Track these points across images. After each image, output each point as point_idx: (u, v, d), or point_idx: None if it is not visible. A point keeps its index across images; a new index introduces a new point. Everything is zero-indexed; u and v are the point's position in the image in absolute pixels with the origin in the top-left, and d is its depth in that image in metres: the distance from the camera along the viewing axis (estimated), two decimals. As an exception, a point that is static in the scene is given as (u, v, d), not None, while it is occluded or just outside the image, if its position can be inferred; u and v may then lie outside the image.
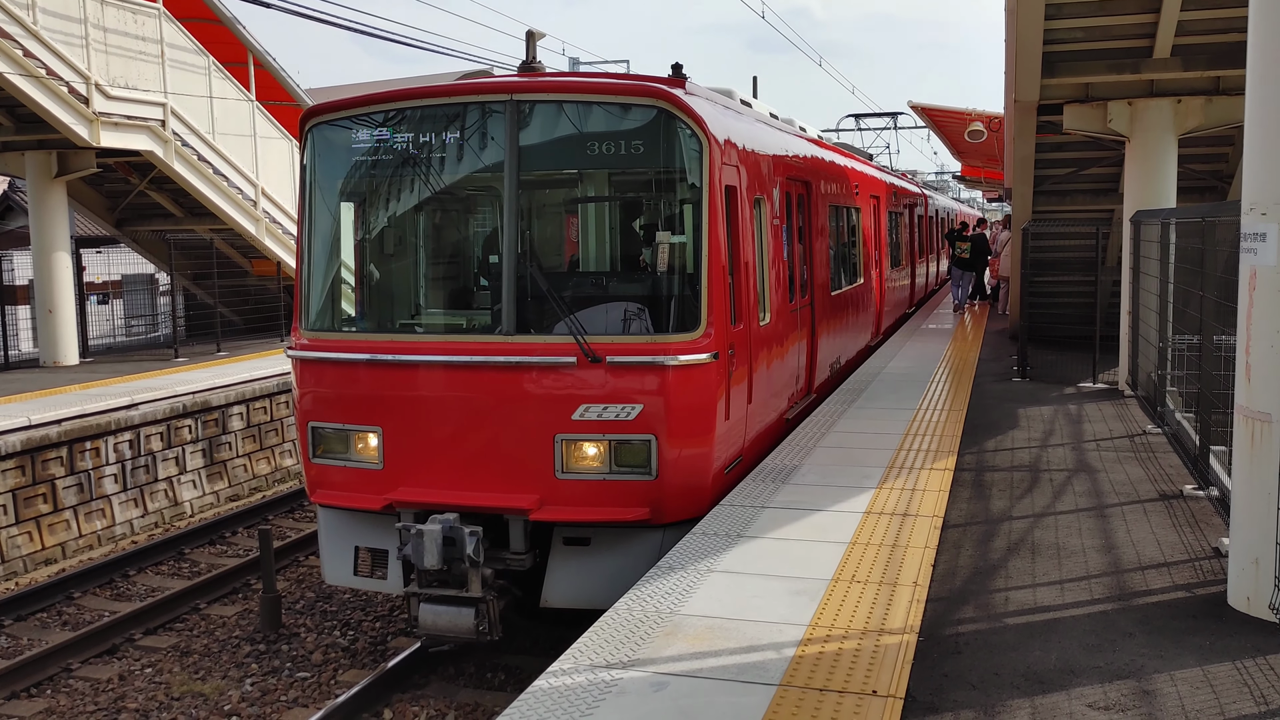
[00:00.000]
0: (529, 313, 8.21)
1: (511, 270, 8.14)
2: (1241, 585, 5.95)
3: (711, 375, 8.01)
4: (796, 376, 11.40)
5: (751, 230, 9.24)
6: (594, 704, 4.79)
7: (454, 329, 8.91)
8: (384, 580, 8.57)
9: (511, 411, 7.98)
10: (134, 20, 17.88)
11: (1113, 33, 12.98)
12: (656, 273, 8.40)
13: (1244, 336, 5.85)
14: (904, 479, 8.76)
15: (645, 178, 8.74)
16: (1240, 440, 5.95)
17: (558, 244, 9.73)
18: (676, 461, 7.87)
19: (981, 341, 18.87)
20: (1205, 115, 13.05)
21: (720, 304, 8.10)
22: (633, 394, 7.79)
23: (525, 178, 8.43)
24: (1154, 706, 4.82)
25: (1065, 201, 17.68)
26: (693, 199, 8.16)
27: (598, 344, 7.82)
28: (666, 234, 8.31)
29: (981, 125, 26.44)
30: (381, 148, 8.66)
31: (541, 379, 7.95)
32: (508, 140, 8.21)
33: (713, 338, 7.98)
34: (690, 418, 7.93)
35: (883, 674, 5.08)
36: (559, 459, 7.92)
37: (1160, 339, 10.94)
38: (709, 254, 8.03)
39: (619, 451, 7.88)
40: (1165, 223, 10.90)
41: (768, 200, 10.03)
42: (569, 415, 7.84)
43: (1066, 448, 10.25)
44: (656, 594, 6.15)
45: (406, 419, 8.24)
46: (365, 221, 9.06)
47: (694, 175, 8.12)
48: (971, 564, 6.85)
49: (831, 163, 14.45)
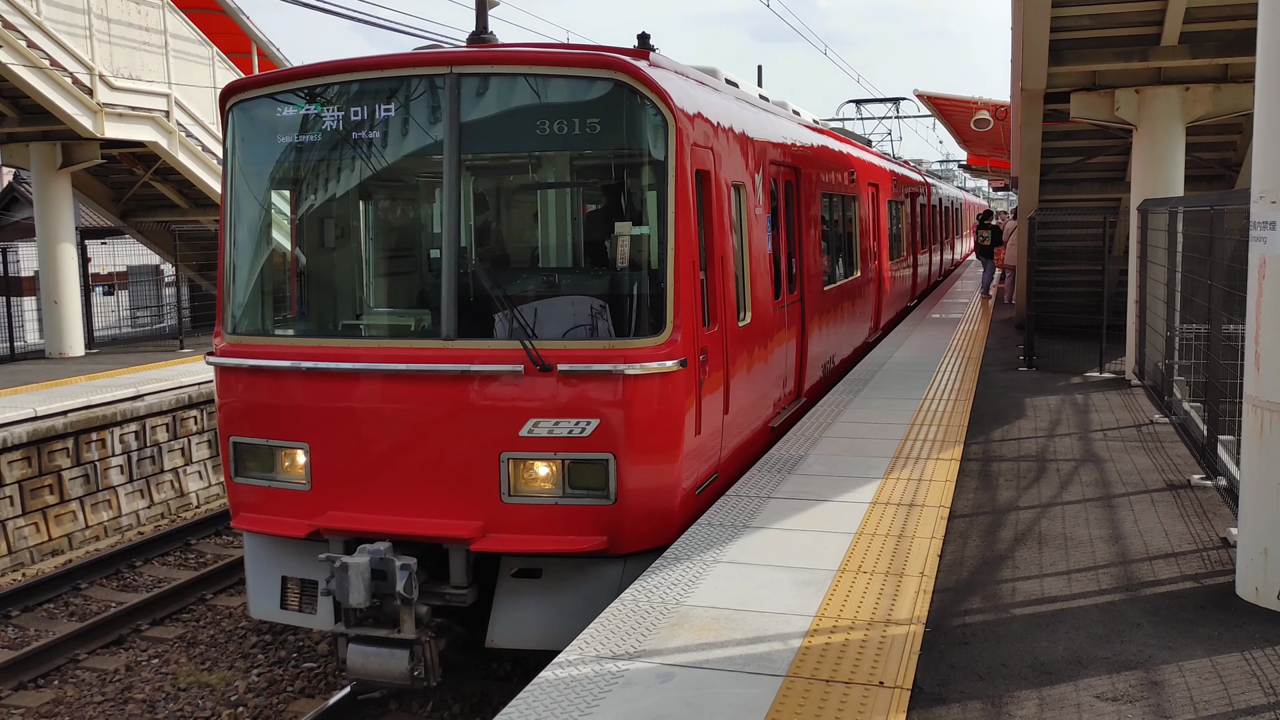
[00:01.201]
0: (471, 315, 7.39)
1: (452, 266, 7.34)
2: (1250, 575, 5.93)
3: (678, 385, 7.21)
4: (784, 380, 10.60)
5: (729, 220, 8.46)
6: (600, 695, 4.78)
7: (388, 333, 8.15)
8: (313, 615, 7.76)
9: (452, 427, 7.20)
10: (137, 10, 17.85)
11: (1120, 20, 12.91)
12: (616, 269, 7.53)
13: (1253, 326, 5.81)
14: (910, 469, 8.73)
15: (603, 160, 7.86)
16: (1249, 430, 5.91)
17: (505, 236, 8.74)
18: (638, 483, 7.11)
19: (988, 331, 18.83)
20: (1213, 103, 12.99)
21: (689, 303, 7.30)
22: (588, 407, 7.01)
23: (468, 161, 7.60)
24: (1162, 697, 4.80)
25: (1072, 190, 17.62)
26: (657, 184, 7.34)
27: (548, 350, 7.05)
28: (627, 224, 7.43)
29: (988, 114, 26.36)
30: (307, 128, 7.78)
31: (485, 390, 7.17)
32: (448, 119, 7.36)
33: (680, 342, 7.19)
34: (653, 433, 7.15)
35: (889, 665, 5.07)
36: (506, 480, 7.15)
37: (1168, 328, 10.90)
38: (675, 247, 7.21)
39: (573, 472, 7.11)
40: (1173, 211, 10.85)
41: (750, 187, 9.25)
42: (516, 431, 7.07)
43: (1073, 437, 10.22)
44: (662, 585, 6.14)
45: (335, 435, 7.44)
46: (291, 212, 8.18)
47: (658, 157, 7.31)
48: (978, 554, 6.83)
49: (825, 148, 13.59)
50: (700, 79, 9.10)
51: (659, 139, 7.28)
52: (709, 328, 7.82)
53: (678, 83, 7.81)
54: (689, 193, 7.37)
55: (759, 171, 9.62)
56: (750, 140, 9.45)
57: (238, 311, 8.02)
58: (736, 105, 9.56)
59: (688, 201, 7.33)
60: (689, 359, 7.28)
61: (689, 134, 7.47)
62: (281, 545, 7.88)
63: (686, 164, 7.36)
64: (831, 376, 13.28)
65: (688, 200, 7.33)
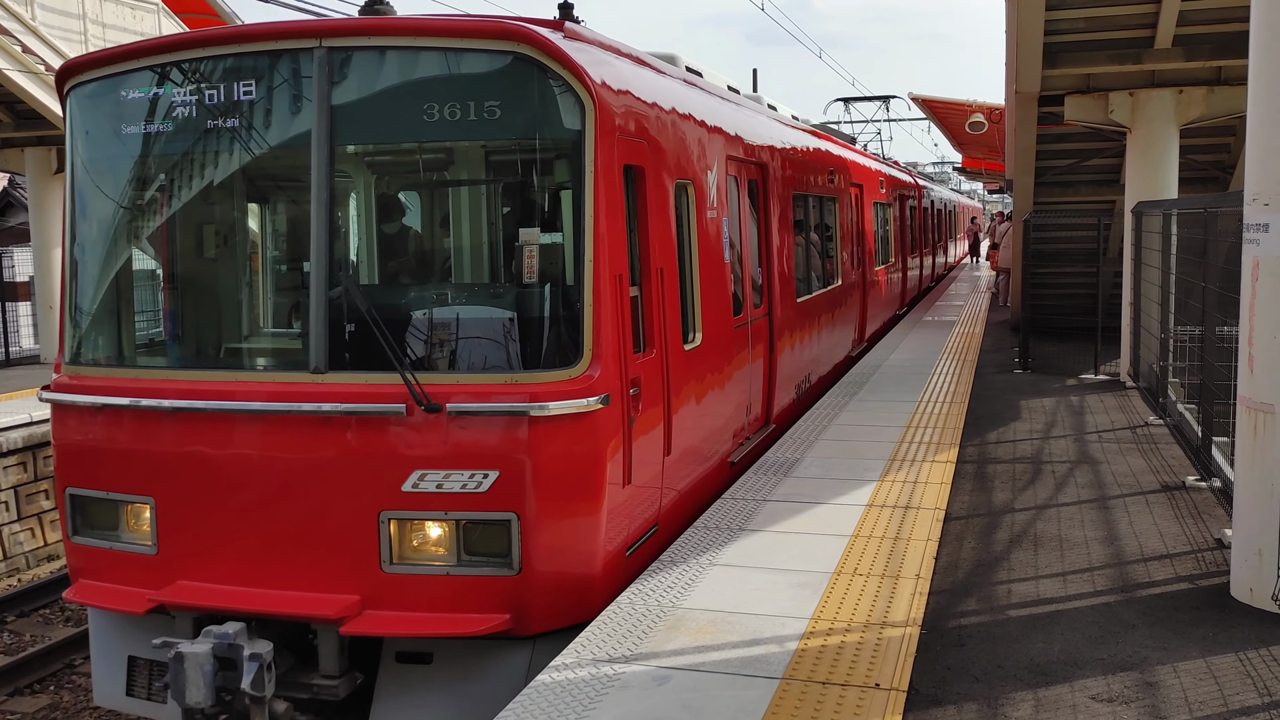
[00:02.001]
0: (346, 342, 6.19)
1: (321, 283, 6.09)
2: (1244, 576, 5.94)
3: (599, 426, 6.01)
4: (747, 407, 9.40)
5: (670, 225, 7.29)
6: (597, 698, 4.79)
7: (248, 365, 6.76)
8: (163, 705, 6.50)
9: (322, 480, 5.98)
10: (132, 15, 17.86)
11: (1114, 23, 12.95)
12: (521, 285, 6.29)
13: (1246, 327, 5.83)
14: (906, 471, 8.75)
15: (504, 152, 6.58)
16: (1243, 431, 5.93)
17: (386, 245, 7.40)
18: (549, 548, 5.91)
19: (983, 333, 18.85)
20: (1207, 106, 13.03)
21: (613, 326, 6.12)
22: (485, 456, 5.83)
23: (342, 153, 6.43)
24: (1157, 698, 4.81)
25: (1067, 192, 17.65)
26: (571, 181, 6.19)
27: (435, 386, 5.85)
28: (533, 231, 6.24)
29: (982, 116, 26.39)
30: (155, 115, 6.51)
31: (361, 435, 5.93)
32: (316, 102, 6.13)
33: (601, 374, 5.99)
34: (567, 487, 5.96)
35: (886, 667, 5.08)
36: (387, 545, 5.94)
37: (1162, 330, 10.93)
38: (595, 257, 6.02)
39: (468, 536, 5.93)
40: (1167, 213, 10.89)
41: (701, 186, 8.07)
42: (398, 485, 5.87)
43: (1068, 439, 10.24)
44: (658, 588, 6.15)
45: (185, 488, 6.22)
46: (137, 217, 6.89)
47: (571, 147, 6.11)
48: (974, 556, 6.85)
49: (800, 145, 12.34)
50: (649, 62, 8.01)
51: (573, 125, 6.08)
52: (643, 354, 6.71)
53: (602, 60, 6.61)
54: (614, 192, 6.25)
55: (714, 168, 8.47)
56: (704, 132, 8.34)
57: (76, 338, 6.75)
58: (686, 92, 8.34)
59: (611, 202, 6.20)
60: (613, 394, 6.10)
61: (614, 121, 6.33)
62: (129, 618, 6.59)
63: (611, 157, 6.24)
64: (808, 397, 12.27)
65: (611, 201, 6.20)
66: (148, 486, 6.32)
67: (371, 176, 7.21)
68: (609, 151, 6.22)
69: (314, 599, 5.97)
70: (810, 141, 13.23)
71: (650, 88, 7.33)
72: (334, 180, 6.25)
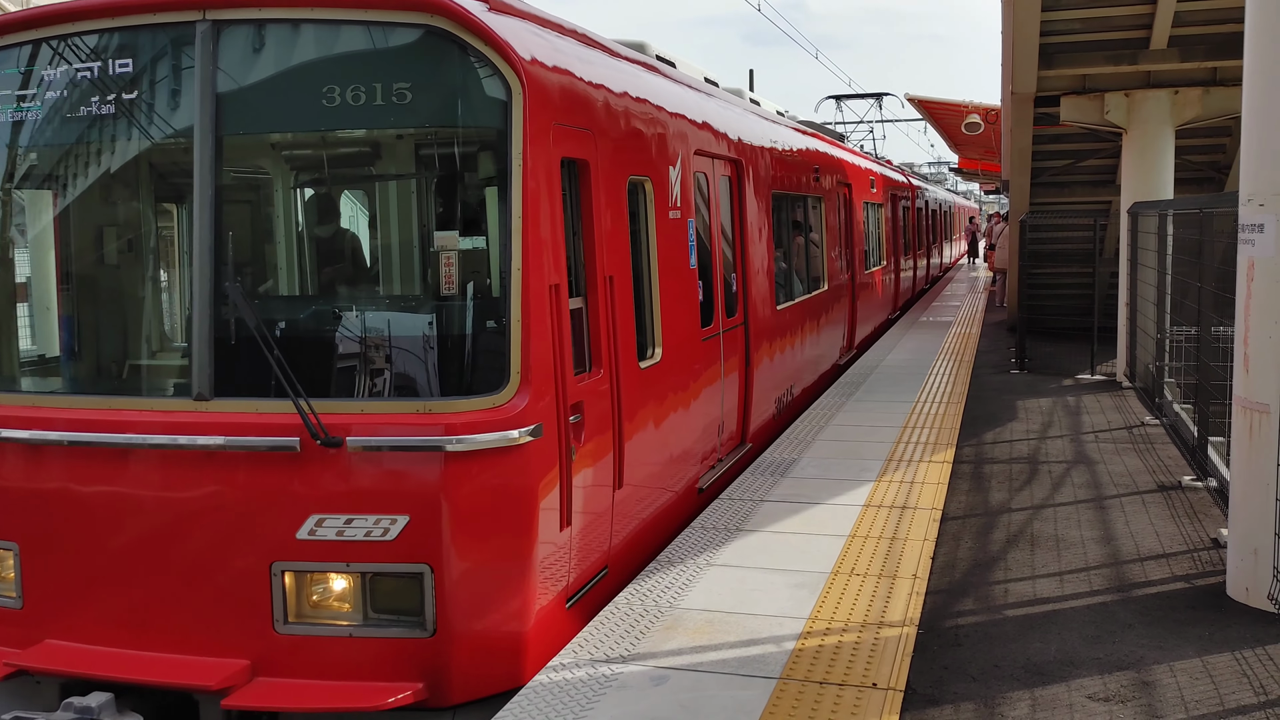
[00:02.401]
0: (235, 364, 5.31)
1: (206, 296, 5.26)
2: (1240, 576, 5.96)
3: (528, 461, 5.22)
4: (718, 426, 8.60)
5: (623, 226, 6.56)
6: (594, 698, 4.80)
7: (127, 389, 5.76)
8: None
9: (207, 525, 5.18)
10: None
11: (1110, 24, 12.99)
12: (437, 297, 5.48)
13: (1242, 327, 5.85)
14: (903, 471, 8.76)
15: (417, 141, 5.62)
16: (1239, 431, 5.95)
17: (280, 251, 6.22)
18: (470, 605, 5.11)
19: (980, 333, 18.88)
20: (1203, 106, 13.08)
21: (545, 344, 5.35)
22: (393, 498, 5.05)
23: (230, 144, 5.46)
24: (1153, 697, 4.82)
25: (1063, 193, 17.70)
26: (496, 175, 5.36)
27: (336, 416, 5.04)
28: (451, 235, 5.44)
29: (978, 117, 26.46)
30: (17, 99, 5.70)
31: (251, 473, 5.14)
32: (199, 85, 5.29)
33: (532, 400, 5.19)
34: (491, 533, 5.17)
35: (883, 666, 5.09)
36: (281, 602, 5.13)
37: (1158, 330, 10.96)
38: (524, 265, 5.22)
39: (375, 590, 5.14)
40: (1163, 214, 10.92)
41: (660, 183, 7.26)
42: (293, 532, 5.08)
43: (1065, 439, 10.26)
44: (656, 588, 6.16)
45: (54, 533, 5.39)
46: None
47: (496, 137, 5.30)
48: (971, 556, 6.86)
49: (781, 140, 11.50)
50: (606, 45, 7.31)
51: (497, 111, 5.27)
52: (588, 374, 5.99)
53: (538, 37, 5.80)
54: (548, 188, 5.47)
55: (677, 164, 7.67)
56: (666, 124, 7.55)
57: None
58: (647, 79, 7.56)
59: (544, 200, 5.41)
60: (546, 423, 5.32)
61: (550, 106, 5.56)
62: None
63: (545, 148, 5.47)
64: (790, 410, 11.48)
65: (544, 199, 5.41)
66: (9, 530, 5.48)
67: (266, 171, 6.09)
68: (542, 142, 5.42)
69: (196, 665, 5.15)
70: (794, 138, 12.47)
71: (599, 72, 6.52)
72: (221, 176, 5.40)
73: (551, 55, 5.80)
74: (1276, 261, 5.62)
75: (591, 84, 6.29)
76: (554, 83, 5.69)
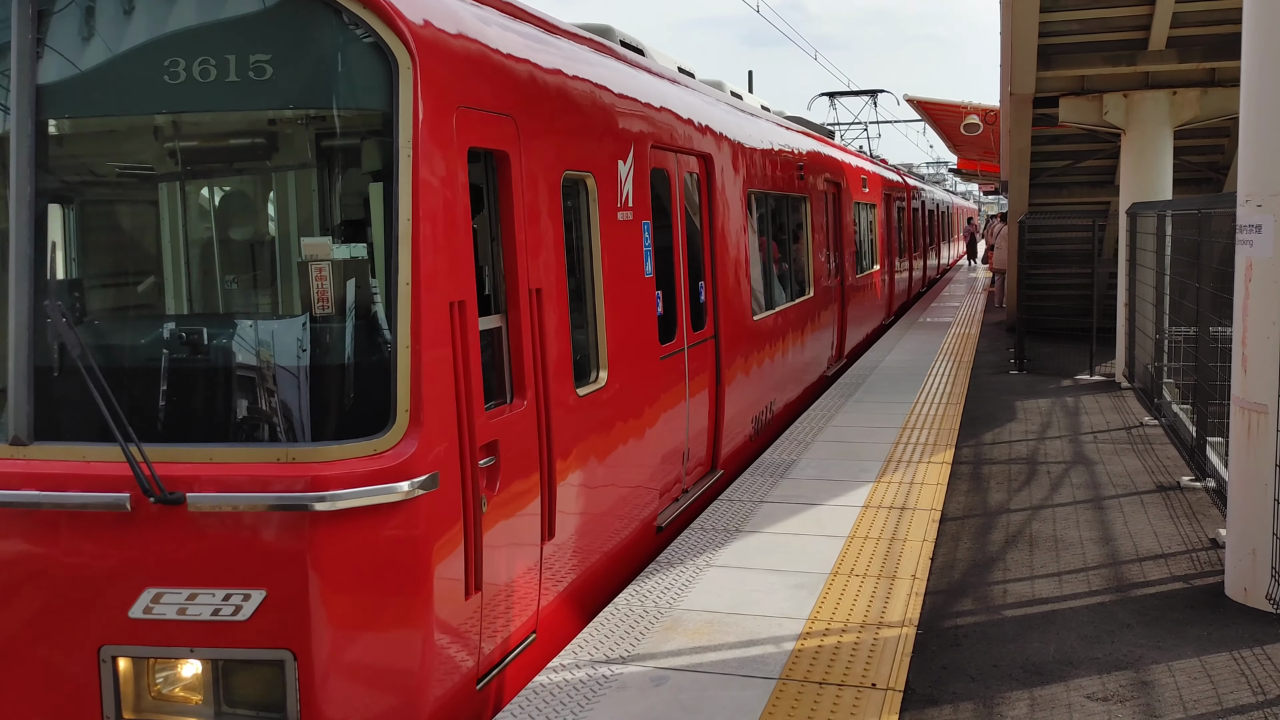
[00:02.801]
0: (58, 402, 4.40)
1: (23, 317, 4.36)
2: (1239, 576, 5.97)
3: (419, 519, 4.32)
4: (682, 454, 7.73)
5: (555, 230, 5.63)
6: (594, 699, 4.80)
7: None
8: None
9: (24, 599, 4.31)
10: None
11: (1108, 25, 13.01)
12: (308, 317, 4.45)
13: (1240, 328, 5.86)
14: (902, 472, 8.77)
15: (279, 126, 4.56)
16: (1237, 431, 5.96)
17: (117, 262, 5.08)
18: (345, 696, 4.29)
19: (979, 334, 18.90)
20: (1201, 107, 13.10)
21: (443, 373, 4.46)
22: (245, 568, 4.18)
23: (54, 131, 4.52)
24: (1152, 697, 4.83)
25: (1062, 194, 17.72)
26: (380, 169, 4.44)
27: (176, 466, 4.17)
28: (321, 242, 4.46)
29: (977, 118, 26.49)
30: None
31: (76, 536, 4.24)
32: (17, 61, 4.38)
33: (422, 443, 4.30)
34: (371, 609, 4.31)
35: (882, 666, 5.10)
36: (113, 693, 4.30)
37: (1157, 331, 10.97)
38: (414, 277, 4.33)
39: (229, 680, 4.32)
40: (1161, 215, 10.93)
41: (606, 180, 6.41)
42: (125, 608, 4.23)
43: (1064, 440, 10.27)
44: (655, 589, 6.16)
45: None
46: None
47: (377, 121, 4.41)
48: (970, 557, 6.87)
49: (760, 136, 10.57)
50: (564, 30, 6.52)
51: (378, 87, 4.37)
52: (507, 406, 5.11)
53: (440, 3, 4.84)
54: (448, 183, 4.56)
55: (629, 158, 6.78)
56: (615, 113, 6.66)
57: None
58: (590, 58, 6.57)
59: (441, 199, 4.50)
60: (445, 470, 4.43)
61: (452, 84, 4.65)
62: None
63: (446, 134, 4.56)
64: (771, 429, 10.59)
65: (441, 197, 4.50)
66: None
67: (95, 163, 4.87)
68: (441, 126, 4.52)
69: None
70: (776, 133, 11.53)
71: (526, 47, 5.53)
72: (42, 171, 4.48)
73: (456, 24, 4.84)
74: (1274, 262, 5.63)
75: (514, 60, 5.32)
76: (459, 55, 4.75)
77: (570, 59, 6.20)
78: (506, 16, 5.61)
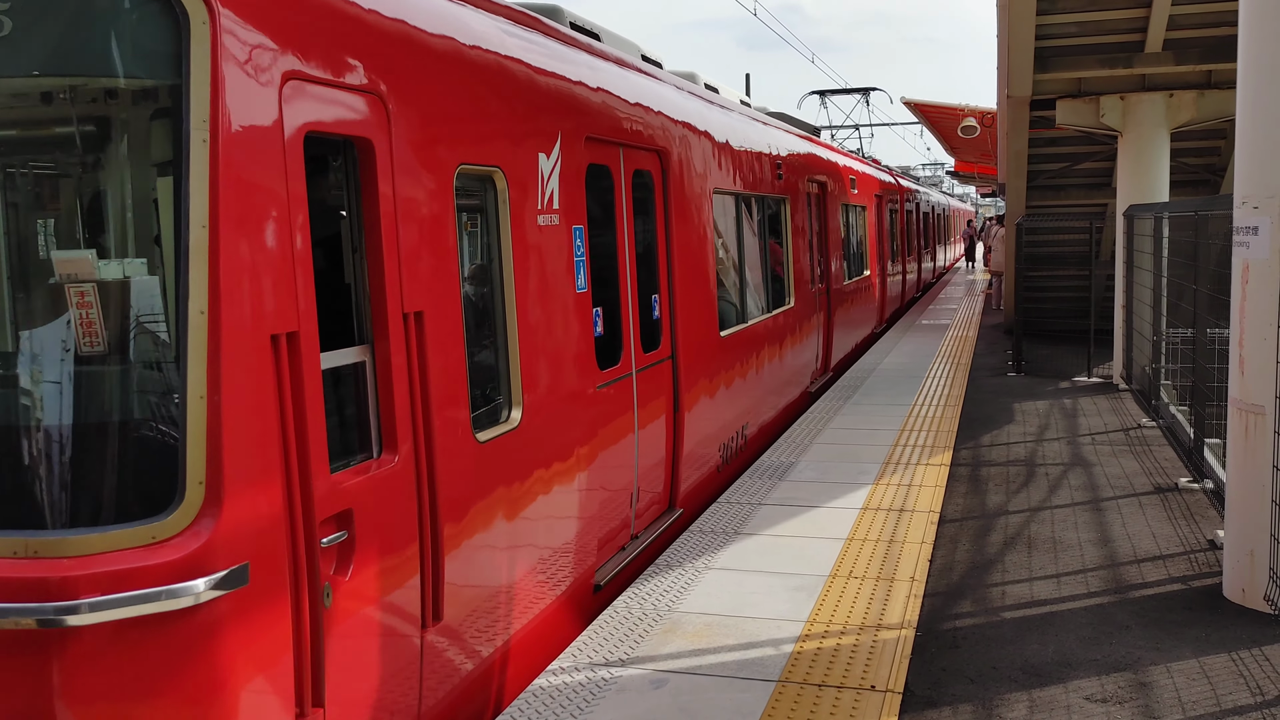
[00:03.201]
0: None
1: None
2: (1237, 577, 5.98)
3: (223, 628, 3.30)
4: (630, 495, 6.80)
5: (444, 237, 4.56)
6: (593, 702, 4.81)
7: None
8: None
9: None
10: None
11: (1105, 27, 13.04)
12: (65, 359, 3.37)
13: (1237, 329, 5.87)
14: (900, 475, 8.78)
15: (31, 106, 3.48)
16: (1234, 433, 5.97)
17: None
18: None
19: (977, 336, 18.92)
20: (1197, 109, 13.13)
21: (258, 428, 3.43)
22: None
23: None
24: (1150, 698, 4.84)
25: (1059, 196, 17.75)
26: (168, 158, 3.38)
27: None
28: (81, 257, 3.40)
29: (974, 121, 26.54)
30: None
31: None
32: None
33: (225, 524, 3.28)
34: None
35: (881, 668, 5.11)
36: None
37: (1154, 333, 10.99)
38: (216, 302, 3.30)
39: None
40: (1158, 217, 10.95)
41: (520, 177, 5.32)
42: None
43: (1062, 442, 10.28)
44: (655, 592, 6.17)
45: None
46: None
47: (164, 93, 3.36)
48: (968, 559, 6.88)
49: (730, 130, 9.49)
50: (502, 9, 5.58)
51: (163, 51, 3.32)
52: (373, 462, 4.11)
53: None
54: (269, 177, 3.51)
55: (554, 151, 5.73)
56: (534, 95, 5.57)
57: None
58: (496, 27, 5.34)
59: (266, 197, 3.49)
60: (260, 558, 3.40)
61: (274, 46, 3.56)
62: None
63: (265, 112, 3.50)
64: (743, 456, 9.60)
65: (266, 194, 3.49)
66: None
67: None
68: (256, 104, 3.44)
69: None
70: (750, 128, 10.39)
71: (407, 8, 4.46)
72: None
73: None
74: (1271, 264, 5.64)
75: (383, 20, 4.22)
76: (287, 11, 3.67)
77: (466, 26, 4.96)
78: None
